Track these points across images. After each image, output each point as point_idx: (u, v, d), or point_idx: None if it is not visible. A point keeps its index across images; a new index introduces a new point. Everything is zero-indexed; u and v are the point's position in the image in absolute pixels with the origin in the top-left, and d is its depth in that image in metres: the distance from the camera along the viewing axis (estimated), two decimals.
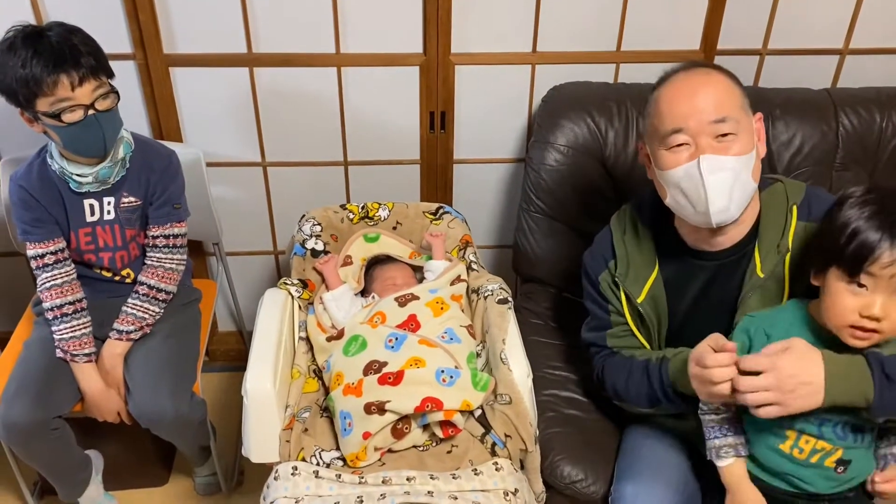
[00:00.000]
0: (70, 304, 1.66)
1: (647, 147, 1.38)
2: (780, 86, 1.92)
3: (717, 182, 1.25)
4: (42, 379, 1.62)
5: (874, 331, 1.14)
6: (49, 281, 1.65)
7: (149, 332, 1.72)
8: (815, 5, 1.96)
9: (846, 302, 1.15)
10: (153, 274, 1.72)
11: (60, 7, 1.80)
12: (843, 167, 1.85)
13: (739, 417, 1.29)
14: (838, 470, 1.24)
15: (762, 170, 1.37)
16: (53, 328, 1.65)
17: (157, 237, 1.72)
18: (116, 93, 1.57)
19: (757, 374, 1.17)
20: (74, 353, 1.64)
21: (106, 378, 1.67)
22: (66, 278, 1.67)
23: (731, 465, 1.28)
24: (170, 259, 1.74)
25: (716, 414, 1.29)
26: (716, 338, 1.23)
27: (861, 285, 1.14)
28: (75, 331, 1.65)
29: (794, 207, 1.34)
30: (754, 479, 1.29)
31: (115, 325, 1.69)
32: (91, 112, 1.52)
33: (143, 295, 1.71)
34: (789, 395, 1.15)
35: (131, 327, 1.68)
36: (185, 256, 1.78)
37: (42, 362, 1.65)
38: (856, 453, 1.23)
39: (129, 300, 1.71)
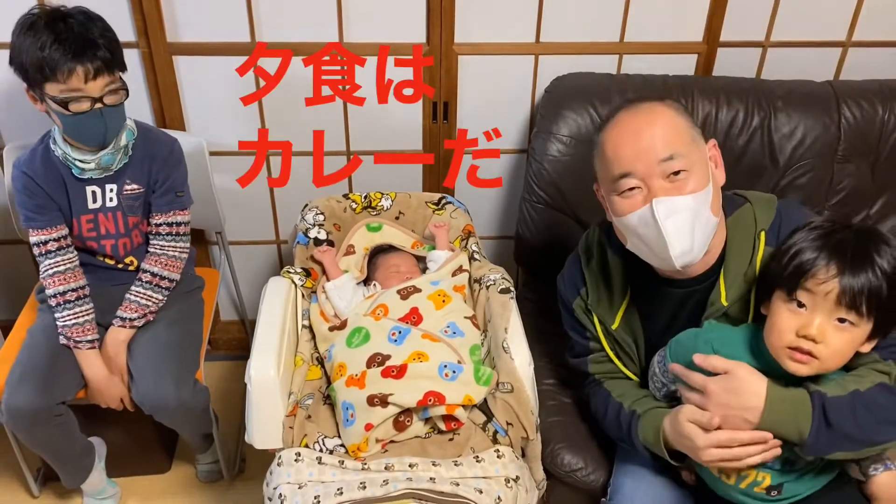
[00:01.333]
0: (73, 290, 1.67)
1: (601, 189, 1.33)
2: (782, 77, 1.93)
3: (674, 225, 1.19)
4: (46, 365, 1.63)
5: (811, 354, 1.13)
6: (52, 268, 1.66)
7: (152, 319, 1.72)
8: None
9: (785, 321, 1.14)
10: (156, 261, 1.72)
11: None
12: (844, 159, 1.86)
13: None
14: (771, 493, 1.25)
15: (732, 185, 1.33)
16: (57, 315, 1.66)
17: (161, 225, 1.73)
18: (126, 89, 1.57)
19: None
20: (78, 339, 1.65)
21: (109, 364, 1.68)
22: (68, 265, 1.68)
23: None
24: (173, 247, 1.74)
25: (669, 401, 1.36)
26: (691, 411, 1.23)
27: (801, 305, 1.13)
28: (78, 317, 1.66)
29: (762, 234, 1.29)
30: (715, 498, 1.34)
31: (119, 313, 1.69)
32: (98, 105, 1.52)
33: (147, 282, 1.71)
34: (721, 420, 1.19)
35: (134, 314, 1.69)
36: (188, 244, 1.78)
37: (46, 349, 1.66)
38: (785, 478, 1.24)
39: (133, 287, 1.71)
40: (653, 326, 1.40)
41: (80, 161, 1.62)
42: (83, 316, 1.67)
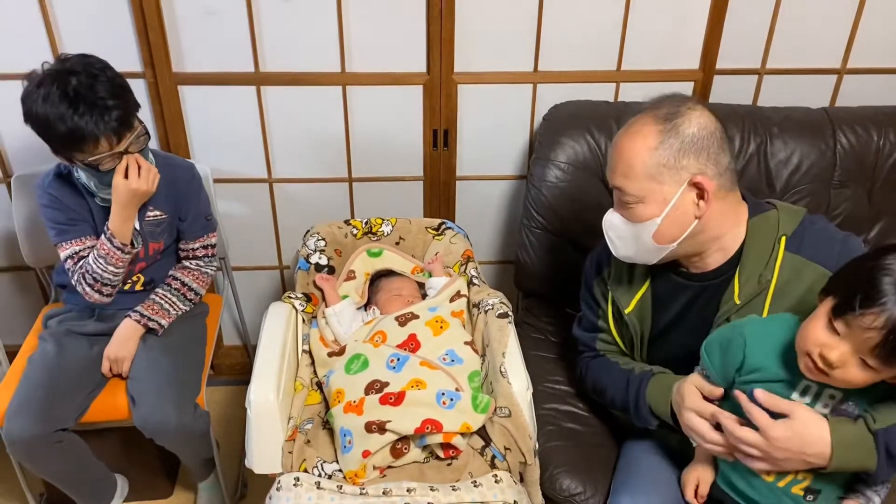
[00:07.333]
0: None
1: None
2: (778, 104, 1.95)
3: (613, 236, 1.38)
4: (43, 394, 1.64)
5: (823, 372, 1.12)
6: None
7: (160, 334, 1.75)
8: (812, 26, 1.99)
9: (817, 332, 1.12)
10: (188, 273, 1.80)
11: (74, 27, 1.84)
12: (840, 185, 1.87)
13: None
14: (807, 498, 1.24)
15: (761, 190, 1.36)
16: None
17: (197, 248, 1.81)
18: (147, 133, 1.60)
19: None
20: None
21: (114, 349, 1.70)
22: None
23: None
24: (207, 265, 1.83)
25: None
26: (699, 381, 1.29)
27: (836, 332, 1.10)
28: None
29: (783, 239, 1.31)
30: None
31: (138, 308, 1.74)
32: (125, 155, 1.56)
33: (175, 289, 1.78)
34: (780, 461, 1.19)
35: (153, 315, 1.73)
36: (217, 263, 1.87)
37: (43, 377, 1.67)
38: (825, 483, 1.23)
39: (159, 290, 1.78)
40: (663, 316, 1.46)
41: (103, 193, 1.65)
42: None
